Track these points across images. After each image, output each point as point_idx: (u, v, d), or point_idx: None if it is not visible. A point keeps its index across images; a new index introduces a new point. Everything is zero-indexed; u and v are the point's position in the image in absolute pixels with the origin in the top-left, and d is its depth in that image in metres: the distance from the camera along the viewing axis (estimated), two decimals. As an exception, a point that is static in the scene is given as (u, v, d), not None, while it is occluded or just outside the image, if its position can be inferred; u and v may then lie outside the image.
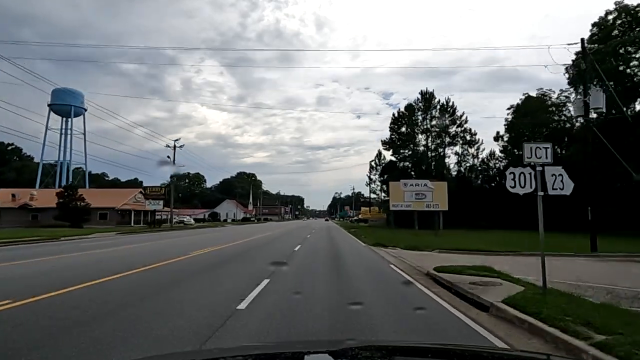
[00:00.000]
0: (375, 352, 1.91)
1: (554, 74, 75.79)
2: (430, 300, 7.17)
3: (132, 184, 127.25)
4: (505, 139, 51.87)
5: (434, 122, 51.37)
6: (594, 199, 17.66)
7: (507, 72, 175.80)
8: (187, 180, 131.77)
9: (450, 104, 50.92)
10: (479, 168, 53.36)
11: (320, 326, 5.24)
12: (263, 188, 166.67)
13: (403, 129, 52.34)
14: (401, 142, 52.13)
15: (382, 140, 53.51)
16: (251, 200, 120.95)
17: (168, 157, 48.40)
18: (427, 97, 50.94)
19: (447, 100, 51.03)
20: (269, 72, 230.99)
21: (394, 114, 52.53)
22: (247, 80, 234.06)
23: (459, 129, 51.11)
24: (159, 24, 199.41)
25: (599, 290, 8.10)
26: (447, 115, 50.78)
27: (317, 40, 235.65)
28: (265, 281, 8.61)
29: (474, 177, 53.60)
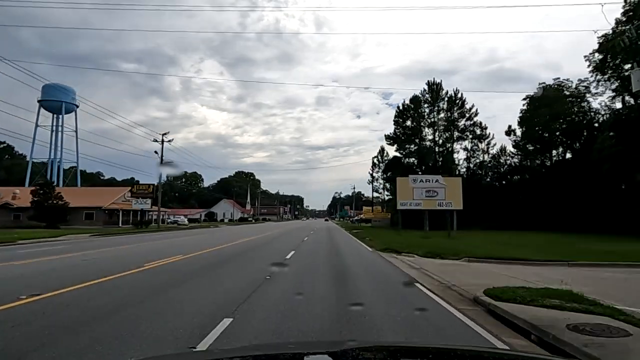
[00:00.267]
0: (375, 352, 1.86)
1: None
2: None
3: (128, 184, 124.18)
4: (518, 133, 48.53)
5: (441, 115, 47.89)
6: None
7: (507, 72, 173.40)
8: (183, 180, 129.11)
9: (459, 95, 47.44)
10: (489, 164, 49.97)
11: None
12: (262, 188, 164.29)
13: (408, 123, 48.62)
14: (406, 137, 48.51)
15: (385, 135, 50.10)
16: (249, 200, 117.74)
17: (155, 152, 45.20)
18: (434, 88, 47.31)
19: (456, 91, 47.55)
20: (269, 72, 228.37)
21: (398, 107, 49.08)
22: (247, 80, 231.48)
23: (468, 122, 47.62)
24: (159, 24, 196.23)
25: None
26: (456, 108, 47.30)
27: (316, 40, 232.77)
28: (227, 321, 5.26)
29: (484, 174, 50.22)
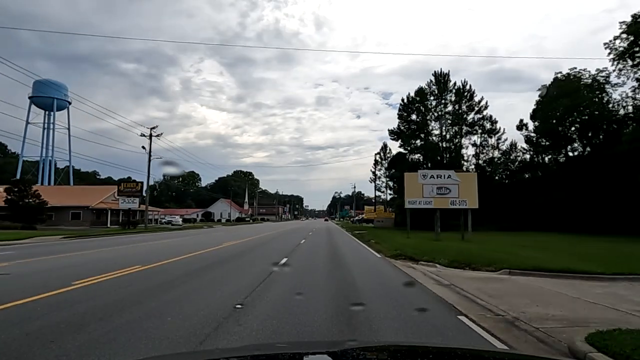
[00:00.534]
0: (375, 352, 1.86)
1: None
2: None
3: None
4: (530, 127, 45.46)
5: (449, 108, 44.77)
6: None
7: (507, 72, 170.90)
8: (180, 179, 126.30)
9: (468, 87, 44.36)
10: (499, 161, 46.91)
11: None
12: (262, 188, 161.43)
13: (413, 117, 45.44)
14: (411, 132, 45.38)
15: (389, 130, 46.91)
16: (247, 200, 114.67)
17: (143, 147, 42.23)
18: (441, 80, 44.25)
19: (464, 83, 44.47)
20: (269, 71, 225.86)
21: (402, 100, 45.88)
22: (247, 80, 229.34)
23: (478, 115, 44.45)
24: (158, 24, 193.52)
25: None
26: (464, 101, 44.24)
27: (316, 40, 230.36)
28: None
29: (493, 171, 47.16)
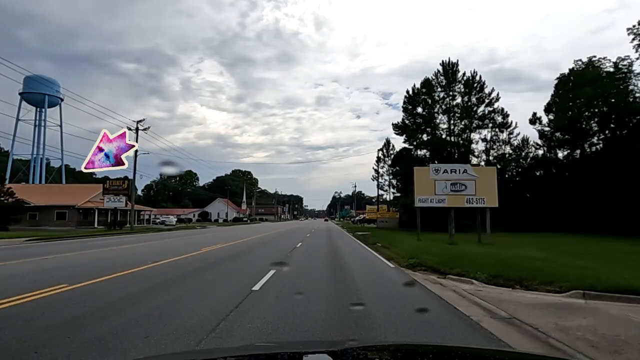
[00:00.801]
0: (375, 352, 1.85)
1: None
2: None
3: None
4: (545, 121, 42.49)
5: (457, 100, 41.76)
6: None
7: (507, 72, 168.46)
8: (177, 178, 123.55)
9: (477, 78, 41.36)
10: (511, 157, 43.94)
11: None
12: (261, 188, 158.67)
13: (419, 110, 42.46)
14: (417, 126, 42.38)
15: (393, 124, 43.89)
16: (245, 199, 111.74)
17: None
18: (449, 70, 41.26)
19: (474, 73, 41.46)
20: (269, 71, 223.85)
21: (408, 92, 42.84)
22: (247, 80, 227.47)
23: (488, 108, 41.48)
24: (158, 24, 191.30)
25: None
26: (474, 92, 41.25)
27: (316, 40, 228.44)
28: None
29: (504, 168, 44.19)
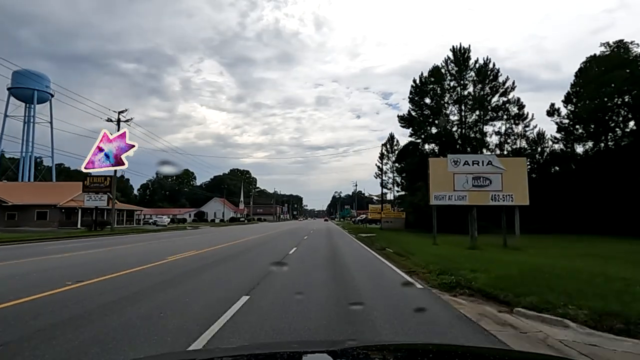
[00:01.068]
0: (375, 352, 1.85)
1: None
2: None
3: (117, 183, 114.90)
4: (563, 113, 39.11)
5: (469, 90, 38.35)
6: None
7: (507, 72, 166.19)
8: (174, 177, 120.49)
9: (491, 65, 37.98)
10: (526, 152, 40.56)
11: None
12: (261, 187, 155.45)
13: (427, 100, 39.09)
14: (424, 118, 39.03)
15: (398, 116, 40.49)
16: (242, 199, 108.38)
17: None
18: (459, 56, 37.88)
19: (487, 60, 38.08)
20: (269, 71, 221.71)
21: (414, 81, 39.39)
22: (247, 80, 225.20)
23: (503, 98, 38.09)
24: (158, 24, 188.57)
25: None
26: (488, 81, 37.86)
27: (316, 40, 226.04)
28: None
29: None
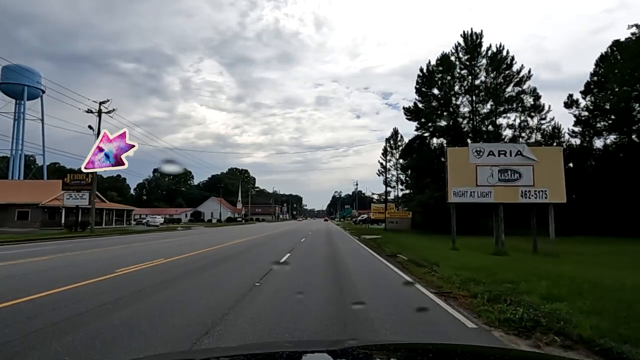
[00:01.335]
0: (375, 351, 1.84)
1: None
2: None
3: (114, 182, 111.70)
4: (582, 105, 36.21)
5: (481, 79, 35.39)
6: None
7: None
8: (171, 177, 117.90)
9: (505, 53, 35.06)
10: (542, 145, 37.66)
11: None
12: (260, 187, 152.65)
13: (435, 91, 36.16)
14: (432, 110, 36.11)
15: (404, 108, 37.43)
16: (240, 198, 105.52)
17: (90, 126, 33.15)
18: (470, 43, 34.98)
19: (500, 47, 35.12)
20: (268, 71, 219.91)
21: (422, 70, 36.29)
22: (247, 80, 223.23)
23: (517, 88, 35.16)
24: (157, 24, 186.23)
25: None
26: (501, 69, 34.93)
27: (316, 40, 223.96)
28: None
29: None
